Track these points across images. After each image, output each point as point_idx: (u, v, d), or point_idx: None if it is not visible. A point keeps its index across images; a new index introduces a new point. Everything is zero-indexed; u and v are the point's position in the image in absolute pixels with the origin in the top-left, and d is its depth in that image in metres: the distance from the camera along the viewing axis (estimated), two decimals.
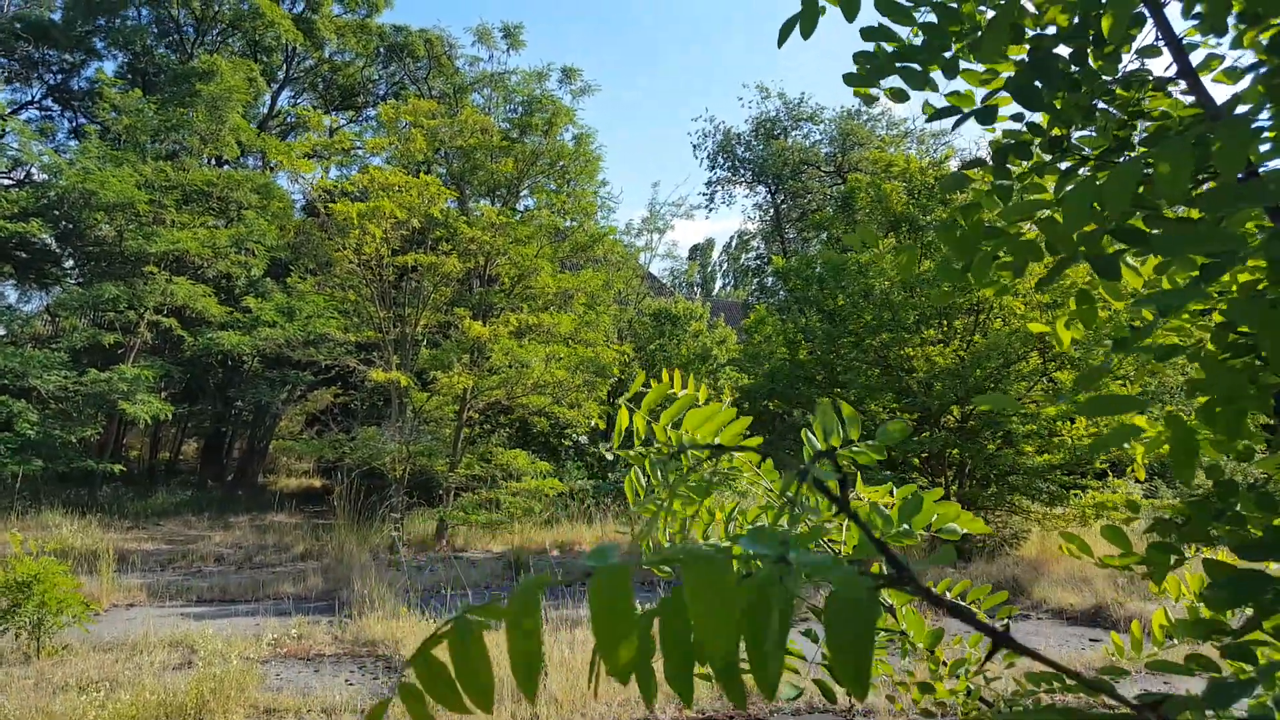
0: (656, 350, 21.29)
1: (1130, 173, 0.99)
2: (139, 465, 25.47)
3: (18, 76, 27.64)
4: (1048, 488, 14.31)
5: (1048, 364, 13.68)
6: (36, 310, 28.09)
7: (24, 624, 7.86)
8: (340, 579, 11.96)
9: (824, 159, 37.58)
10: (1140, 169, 1.01)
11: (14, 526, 14.89)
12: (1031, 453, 13.80)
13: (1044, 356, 13.69)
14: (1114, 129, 1.72)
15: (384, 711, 0.83)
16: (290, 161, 18.44)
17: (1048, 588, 12.24)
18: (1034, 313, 13.46)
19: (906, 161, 16.18)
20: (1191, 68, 1.49)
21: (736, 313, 34.43)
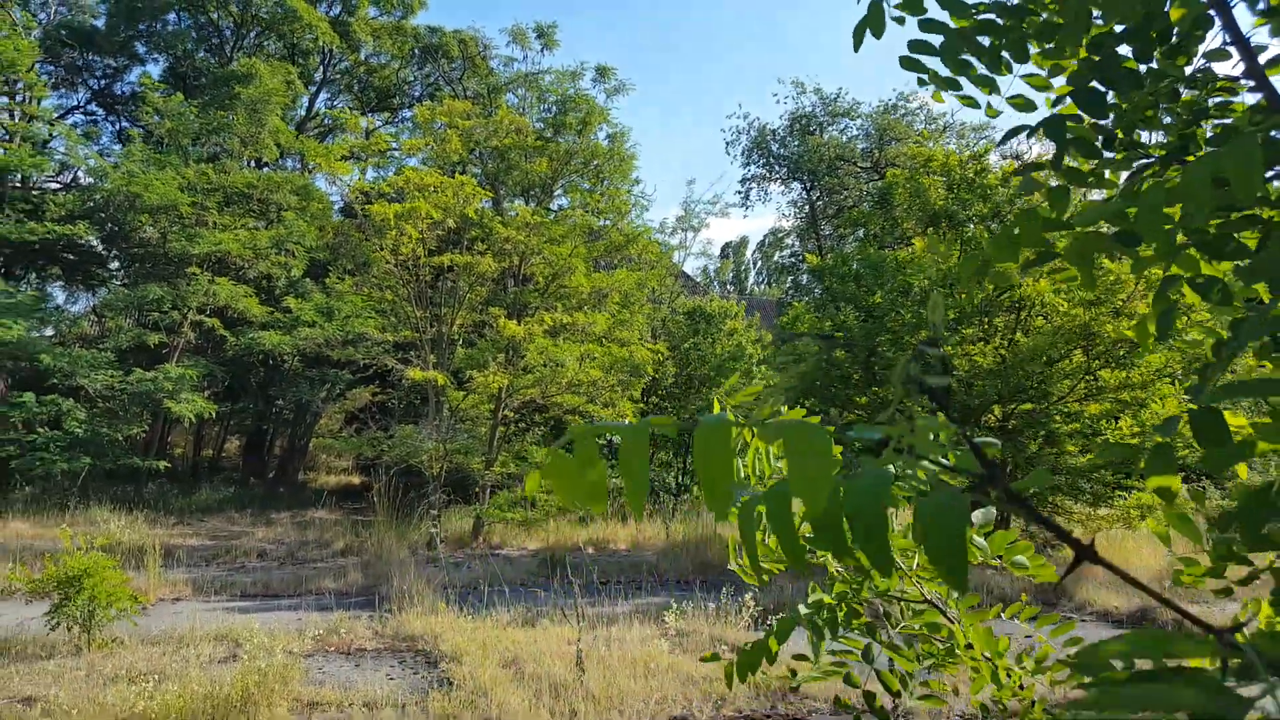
0: (691, 349, 21.32)
1: (1204, 172, 0.98)
2: (183, 462, 25.96)
3: (64, 82, 28.28)
4: (1091, 488, 14.10)
5: (1091, 361, 13.50)
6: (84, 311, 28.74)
7: (75, 617, 8.08)
8: (380, 575, 12.14)
9: (860, 154, 37.34)
10: (1212, 168, 0.98)
11: (63, 522, 15.28)
12: (1075, 452, 13.59)
13: (1088, 354, 13.52)
14: (1179, 128, 1.70)
15: (537, 485, 1.02)
16: (328, 163, 18.73)
17: (1092, 590, 12.14)
18: (1076, 309, 13.29)
19: (945, 156, 16.02)
20: (1260, 66, 1.46)
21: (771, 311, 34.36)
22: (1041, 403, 13.53)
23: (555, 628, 9.38)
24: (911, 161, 16.73)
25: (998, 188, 14.98)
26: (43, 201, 22.34)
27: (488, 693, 7.12)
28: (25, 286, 23.27)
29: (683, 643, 8.96)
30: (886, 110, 36.71)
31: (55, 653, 8.05)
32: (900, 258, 14.99)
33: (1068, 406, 13.61)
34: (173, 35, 27.67)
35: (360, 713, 6.75)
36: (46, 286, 26.34)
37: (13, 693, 6.93)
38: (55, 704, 6.49)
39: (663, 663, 7.98)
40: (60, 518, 16.44)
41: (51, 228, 20.54)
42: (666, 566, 14.11)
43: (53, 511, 17.21)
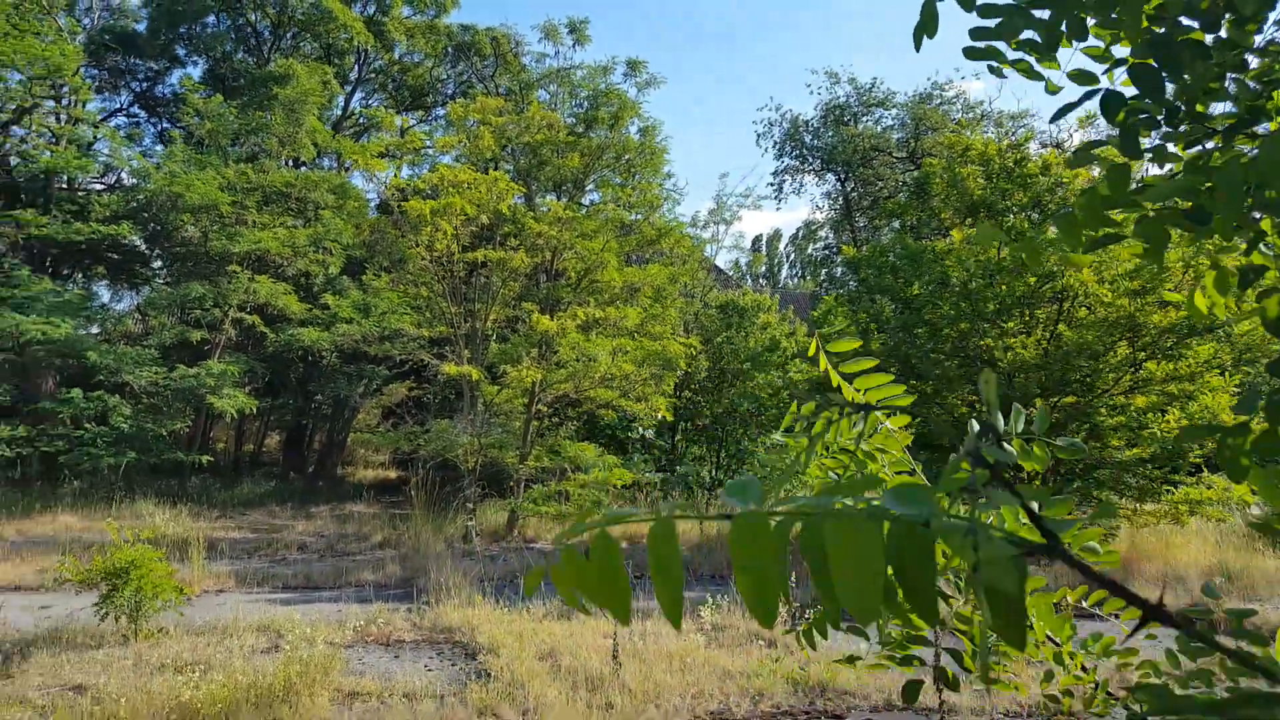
0: (724, 343, 21.30)
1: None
2: (225, 457, 26.40)
3: (107, 85, 28.80)
4: (1137, 482, 13.87)
5: (1137, 353, 13.30)
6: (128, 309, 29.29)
7: (123, 608, 8.30)
8: (417, 567, 12.30)
9: (896, 145, 37.01)
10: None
11: (110, 516, 15.64)
12: (1120, 446, 13.37)
13: (1133, 346, 13.32)
14: (1249, 99, 1.63)
15: (538, 582, 0.90)
16: (364, 161, 18.92)
17: (1139, 587, 11.97)
18: (1121, 299, 13.09)
19: (984, 145, 15.81)
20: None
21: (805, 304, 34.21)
22: (1086, 396, 13.35)
23: (590, 621, 9.44)
24: (949, 151, 16.53)
25: (1038, 176, 14.79)
26: (88, 202, 22.81)
27: (525, 685, 7.22)
28: (72, 285, 23.80)
29: (718, 637, 9.00)
30: (922, 99, 36.34)
31: (104, 642, 8.27)
32: (938, 248, 14.83)
33: (1113, 399, 13.40)
34: (212, 37, 28.08)
35: (400, 703, 6.88)
36: (92, 285, 26.95)
37: (64, 681, 7.14)
38: (104, 692, 6.68)
39: (699, 657, 8.03)
40: (107, 511, 16.81)
41: (97, 228, 20.96)
42: (701, 561, 14.13)
43: (100, 505, 17.60)
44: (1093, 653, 1.94)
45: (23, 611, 9.55)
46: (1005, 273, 13.72)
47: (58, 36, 21.42)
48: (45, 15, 21.59)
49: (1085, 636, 2.02)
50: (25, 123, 21.79)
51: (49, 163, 21.10)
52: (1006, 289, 13.77)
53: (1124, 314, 12.90)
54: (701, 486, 20.33)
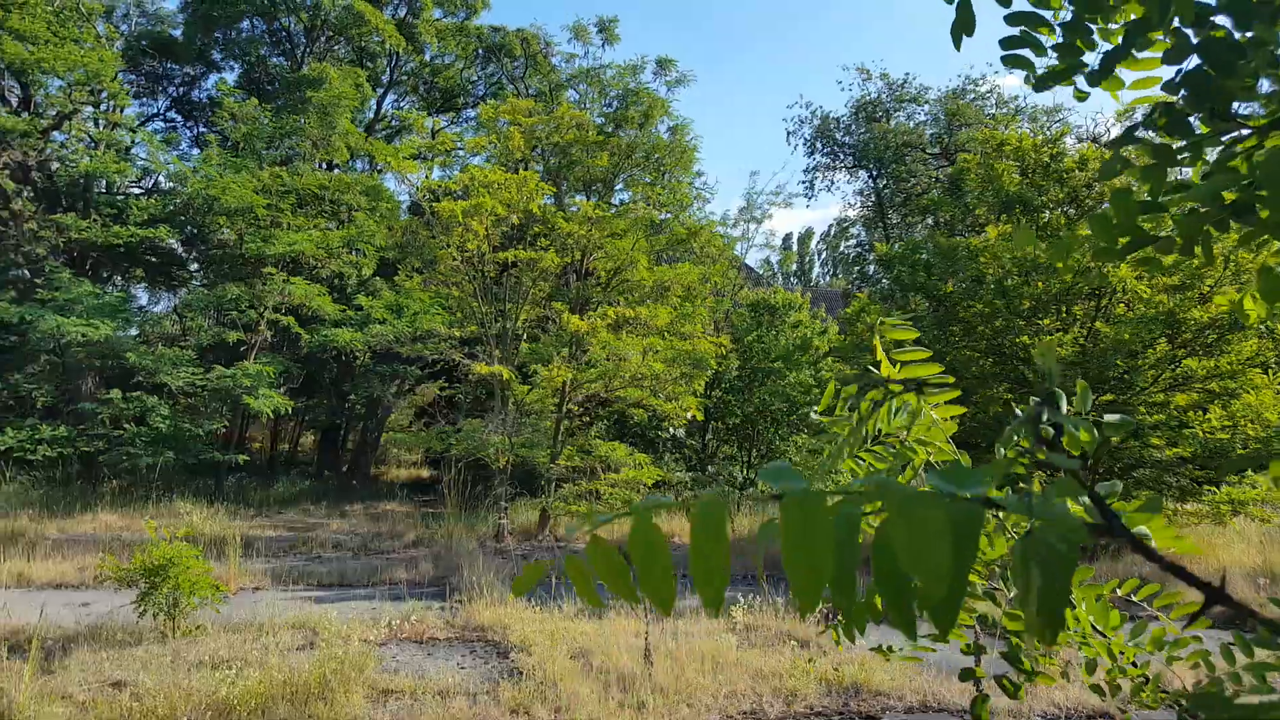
0: (754, 342, 21.22)
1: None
2: (261, 456, 26.74)
3: (144, 91, 29.25)
4: (1177, 482, 13.64)
5: (1177, 350, 13.08)
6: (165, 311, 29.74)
7: (161, 605, 8.41)
8: (450, 566, 12.37)
9: (929, 141, 36.69)
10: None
11: (148, 514, 15.88)
12: (1161, 445, 13.14)
13: (1173, 342, 13.10)
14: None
15: (539, 574, 0.87)
16: (397, 163, 19.07)
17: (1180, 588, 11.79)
18: (1160, 296, 12.88)
19: (1019, 140, 15.63)
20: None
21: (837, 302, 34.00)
22: (1124, 394, 13.15)
23: (622, 620, 9.45)
24: (983, 146, 16.35)
25: (1074, 171, 14.59)
26: (127, 206, 23.16)
27: (557, 683, 7.23)
28: (111, 288, 24.18)
29: (750, 637, 8.97)
30: (955, 95, 36.00)
31: (143, 639, 8.38)
32: (973, 245, 14.68)
33: (1152, 397, 13.18)
34: (247, 42, 28.43)
35: (433, 701, 6.91)
36: (131, 288, 27.38)
37: (104, 677, 7.25)
38: (143, 689, 6.78)
39: (731, 657, 8.00)
40: (145, 510, 17.07)
41: (135, 231, 21.29)
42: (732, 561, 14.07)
43: (138, 504, 17.88)
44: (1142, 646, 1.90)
45: (64, 608, 9.71)
46: (1041, 269, 13.55)
47: (96, 43, 21.78)
48: (84, 22, 21.96)
49: (1126, 631, 1.98)
50: (65, 128, 22.17)
51: (88, 167, 21.45)
52: (1043, 286, 13.59)
53: (1163, 310, 12.69)
54: (733, 486, 20.27)
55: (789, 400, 20.04)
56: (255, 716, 6.42)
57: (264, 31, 29.03)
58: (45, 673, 7.24)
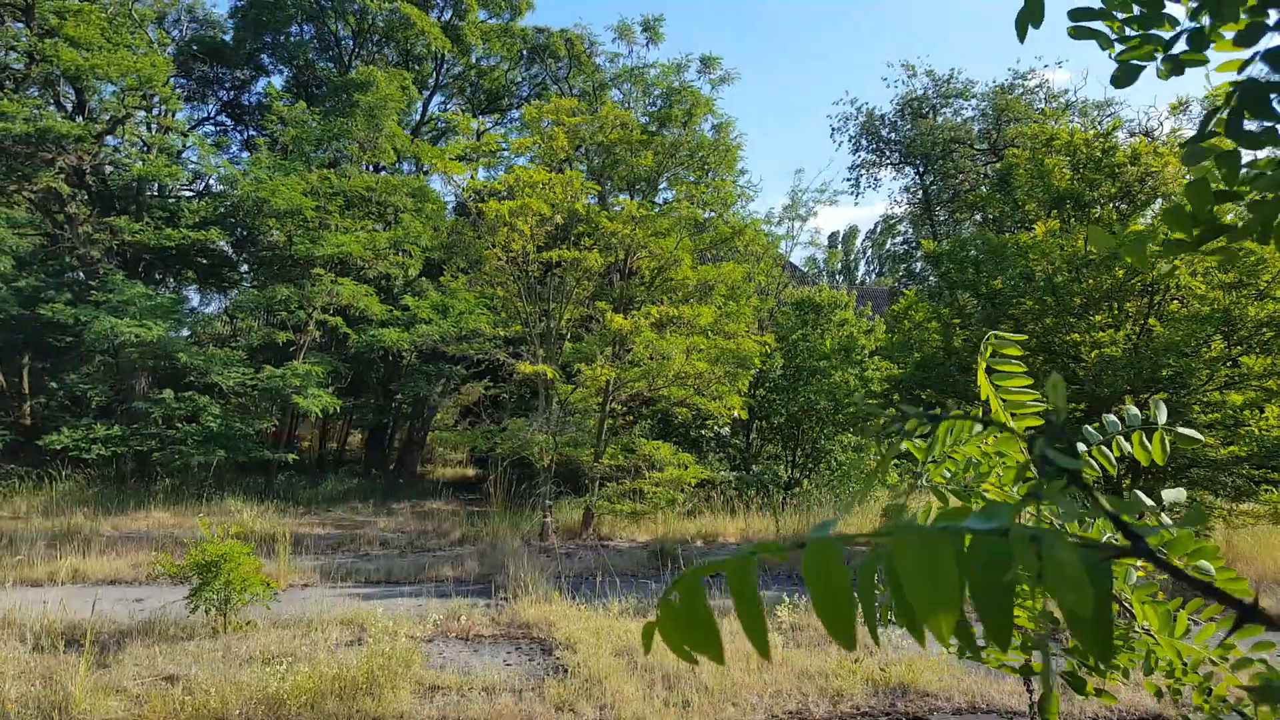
0: (799, 340, 21.04)
1: None
2: (310, 455, 27.11)
3: (195, 95, 29.81)
4: (1233, 482, 13.31)
5: (1233, 348, 12.74)
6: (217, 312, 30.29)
7: (212, 600, 8.54)
8: (495, 563, 12.42)
9: (976, 136, 36.21)
10: None
11: (200, 512, 16.17)
12: (1216, 444, 12.84)
13: (1228, 340, 12.77)
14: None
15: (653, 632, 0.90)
16: (443, 165, 19.21)
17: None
18: (1215, 292, 12.55)
19: (1070, 134, 15.31)
20: None
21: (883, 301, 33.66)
22: (1178, 393, 12.83)
23: None
24: (1032, 141, 16.05)
25: (1127, 166, 14.27)
26: (178, 209, 23.62)
27: (602, 681, 7.21)
28: (164, 290, 24.67)
29: (796, 637, 8.89)
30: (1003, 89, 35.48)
31: (195, 634, 8.52)
32: (1022, 241, 14.43)
33: (1207, 396, 12.86)
34: (295, 46, 28.83)
35: (479, 697, 6.93)
36: (183, 289, 27.91)
37: (157, 671, 7.37)
38: (195, 683, 6.87)
39: (776, 657, 7.93)
40: (197, 508, 17.38)
41: (186, 233, 21.69)
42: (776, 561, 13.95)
43: (190, 502, 18.21)
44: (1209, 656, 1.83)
45: (118, 604, 9.89)
46: (1092, 266, 13.26)
47: (149, 49, 22.23)
48: (137, 28, 22.42)
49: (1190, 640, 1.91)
50: (119, 133, 22.66)
51: (141, 171, 21.90)
52: (1093, 282, 13.31)
53: (1219, 307, 12.36)
54: (778, 485, 20.13)
55: (834, 399, 19.84)
56: (305, 711, 6.49)
57: (312, 36, 29.42)
58: (100, 666, 7.37)
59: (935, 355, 15.27)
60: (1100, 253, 13.01)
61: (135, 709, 6.49)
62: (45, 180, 19.95)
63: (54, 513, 16.15)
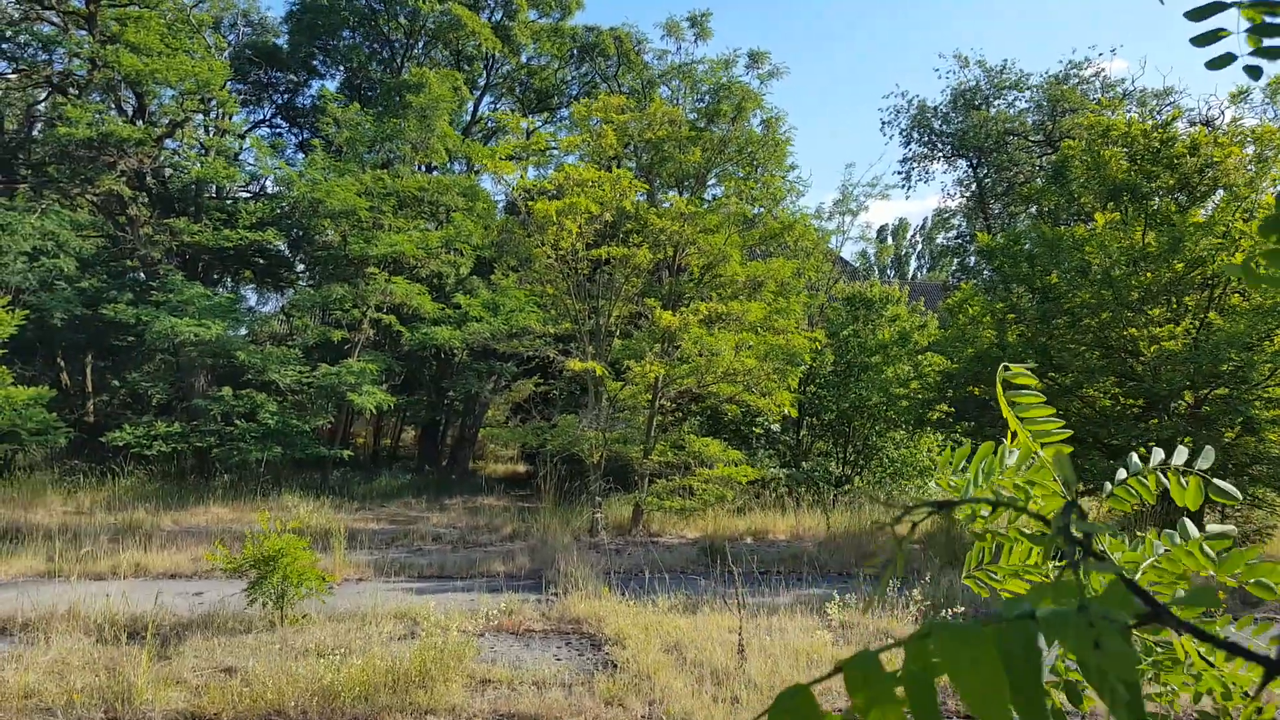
0: (850, 336, 20.83)
1: None
2: (364, 451, 27.50)
3: (250, 98, 30.37)
4: None
5: None
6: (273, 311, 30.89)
7: (270, 594, 8.71)
8: (545, 559, 12.49)
9: (1031, 128, 35.51)
10: None
11: (258, 507, 16.49)
12: (1277, 441, 12.49)
13: None
14: None
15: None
16: (493, 165, 19.34)
17: None
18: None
19: (1128, 125, 14.95)
20: None
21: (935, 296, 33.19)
22: (1239, 388, 12.49)
23: (715, 615, 9.39)
24: (1089, 132, 15.70)
25: (1186, 157, 13.90)
26: (236, 210, 24.10)
27: (651, 677, 7.21)
28: (222, 289, 25.21)
29: (846, 635, 8.81)
30: (1058, 80, 34.74)
31: (252, 627, 8.69)
32: (1078, 234, 14.13)
33: (1268, 391, 12.49)
34: (348, 49, 29.22)
35: (529, 691, 6.98)
36: (240, 289, 28.50)
37: (216, 663, 7.54)
38: (253, 674, 7.01)
39: (825, 654, 7.87)
40: (255, 503, 17.73)
41: (244, 234, 22.13)
42: (827, 558, 13.89)
43: (248, 497, 18.57)
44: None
45: (178, 597, 10.14)
46: (1151, 259, 12.94)
47: (206, 53, 22.70)
48: (194, 34, 22.89)
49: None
50: (177, 136, 23.18)
51: (199, 173, 22.38)
52: (1151, 276, 12.98)
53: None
54: (829, 483, 19.97)
55: (886, 395, 19.61)
56: (359, 703, 6.59)
57: (364, 39, 29.78)
58: (161, 658, 7.56)
59: (989, 351, 15.04)
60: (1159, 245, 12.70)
61: (195, 700, 6.64)
62: (107, 183, 20.49)
63: (116, 508, 16.60)
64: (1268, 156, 13.65)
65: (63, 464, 20.03)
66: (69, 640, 7.90)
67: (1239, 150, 13.59)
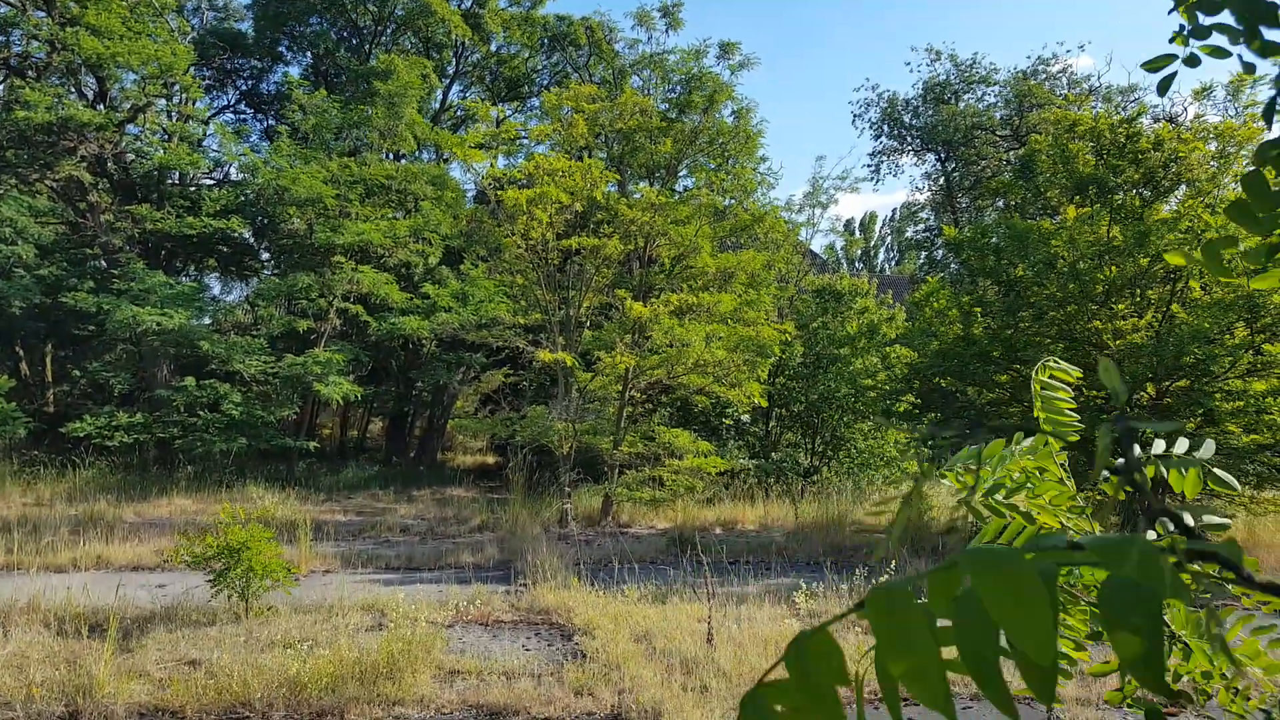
0: (820, 328, 20.93)
1: None
2: (331, 443, 27.24)
3: (214, 84, 29.85)
4: (1255, 469, 13.25)
5: (1256, 335, 12.59)
6: (238, 300, 30.45)
7: (235, 586, 8.60)
8: (514, 550, 12.45)
9: (999, 122, 35.87)
10: None
11: (222, 499, 16.28)
12: (1238, 433, 12.74)
13: (1251, 328, 12.62)
14: None
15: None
16: (463, 153, 19.17)
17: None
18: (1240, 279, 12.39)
19: (1094, 120, 15.14)
20: None
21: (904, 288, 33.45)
22: (1200, 380, 12.71)
23: (684, 605, 9.41)
24: (1056, 127, 15.90)
25: (1151, 152, 14.09)
26: (199, 197, 23.71)
27: (620, 666, 7.21)
28: (185, 278, 24.80)
29: (813, 623, 8.84)
30: (1026, 75, 35.11)
31: (216, 620, 8.58)
32: (1045, 228, 14.29)
33: (1229, 383, 12.72)
34: (315, 35, 28.80)
35: (499, 681, 6.94)
36: (204, 277, 28.04)
37: (180, 656, 7.43)
38: (218, 666, 6.92)
39: None
40: (219, 494, 17.51)
41: (208, 222, 21.78)
42: (795, 547, 13.99)
43: (212, 488, 18.34)
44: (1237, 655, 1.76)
45: (141, 589, 9.99)
46: (1116, 253, 13.12)
47: (169, 37, 22.30)
48: (157, 17, 22.48)
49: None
50: (139, 121, 22.76)
51: (162, 159, 22.00)
52: (1117, 270, 13.17)
53: (1242, 294, 12.22)
54: (797, 473, 20.07)
55: (854, 386, 19.74)
56: (326, 694, 6.52)
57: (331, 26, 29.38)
58: (124, 651, 7.43)
59: (955, 343, 15.18)
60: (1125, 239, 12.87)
61: (158, 693, 6.54)
62: (67, 169, 20.08)
63: (77, 499, 16.32)
64: (1230, 152, 13.88)
65: (22, 455, 19.64)
66: (28, 634, 7.75)
67: (1202, 146, 13.80)
